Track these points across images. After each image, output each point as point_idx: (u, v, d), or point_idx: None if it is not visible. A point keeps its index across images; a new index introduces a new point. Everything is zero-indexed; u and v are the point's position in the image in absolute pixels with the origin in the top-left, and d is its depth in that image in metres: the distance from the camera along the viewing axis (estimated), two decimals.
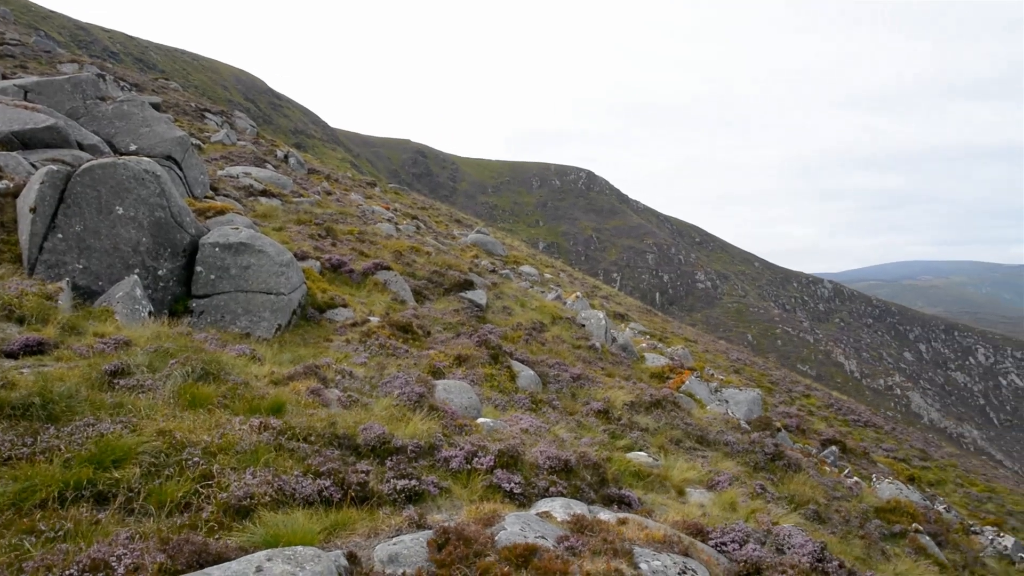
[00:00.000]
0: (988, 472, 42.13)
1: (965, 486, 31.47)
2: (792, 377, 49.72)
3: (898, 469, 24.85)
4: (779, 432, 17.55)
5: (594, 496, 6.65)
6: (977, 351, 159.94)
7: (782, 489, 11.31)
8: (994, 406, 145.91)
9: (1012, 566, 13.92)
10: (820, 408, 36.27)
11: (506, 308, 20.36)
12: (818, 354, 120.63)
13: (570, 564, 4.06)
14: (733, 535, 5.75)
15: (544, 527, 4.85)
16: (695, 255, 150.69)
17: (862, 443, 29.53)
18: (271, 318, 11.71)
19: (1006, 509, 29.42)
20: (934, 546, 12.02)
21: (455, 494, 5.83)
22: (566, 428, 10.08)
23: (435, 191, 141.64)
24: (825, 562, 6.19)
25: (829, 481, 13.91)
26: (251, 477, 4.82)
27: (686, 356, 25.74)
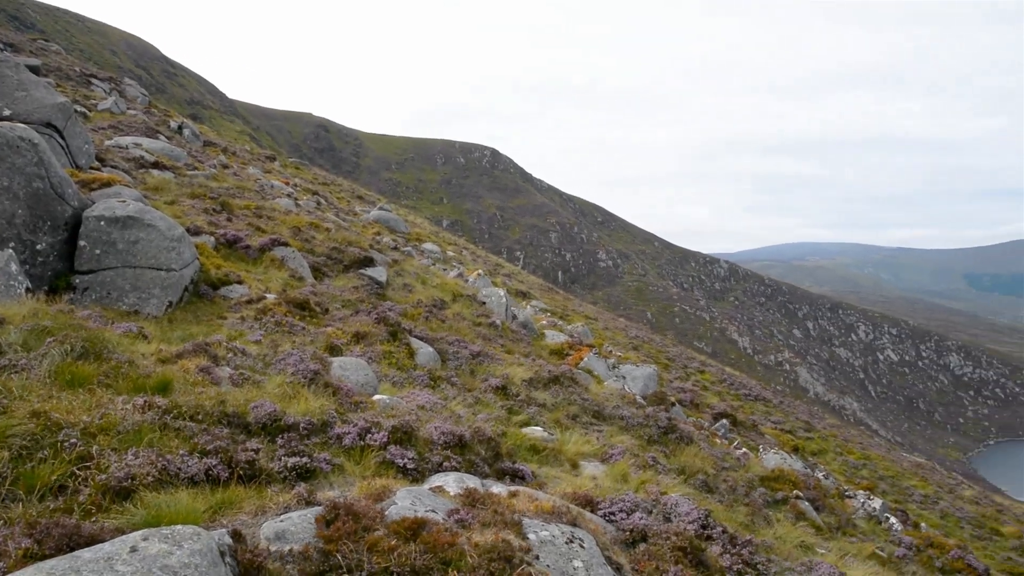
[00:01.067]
0: (864, 441, 44.71)
1: (844, 454, 33.32)
2: (688, 354, 51.35)
3: (784, 440, 26.04)
4: (673, 406, 18.13)
5: (488, 470, 6.74)
6: (858, 328, 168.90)
7: (674, 461, 11.70)
8: (872, 379, 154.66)
9: (878, 525, 14.92)
10: (714, 383, 37.62)
11: (407, 285, 20.26)
12: (714, 331, 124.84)
13: (458, 536, 4.12)
14: (621, 505, 5.94)
15: (436, 501, 4.90)
16: (597, 234, 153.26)
17: (752, 416, 30.83)
18: (161, 295, 11.31)
19: (878, 474, 31.36)
20: (812, 510, 12.70)
21: (348, 471, 5.81)
22: (464, 404, 10.15)
23: (338, 167, 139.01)
24: (709, 528, 6.48)
25: (719, 452, 14.48)
26: (133, 458, 4.68)
27: (586, 333, 26.22)
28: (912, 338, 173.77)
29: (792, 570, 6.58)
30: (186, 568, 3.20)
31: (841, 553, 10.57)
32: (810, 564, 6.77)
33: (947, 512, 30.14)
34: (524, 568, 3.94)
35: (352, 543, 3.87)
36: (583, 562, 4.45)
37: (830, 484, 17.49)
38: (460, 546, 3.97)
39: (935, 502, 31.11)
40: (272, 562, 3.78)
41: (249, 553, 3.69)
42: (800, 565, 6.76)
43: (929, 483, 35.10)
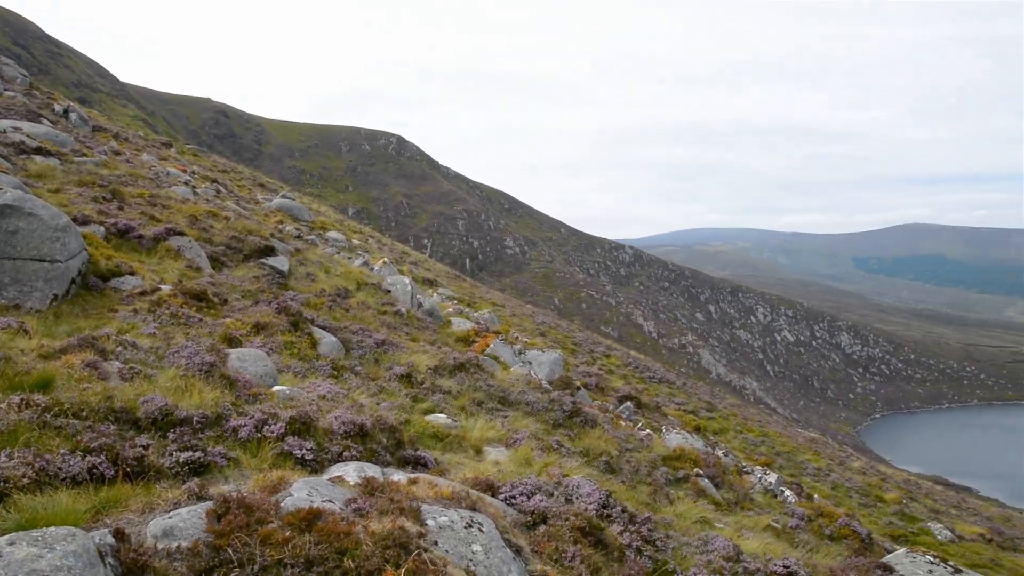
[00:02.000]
0: (763, 419, 46.49)
1: (743, 432, 34.57)
2: (594, 338, 52.20)
3: (686, 420, 26.82)
4: (579, 390, 18.40)
5: (390, 459, 6.69)
6: (757, 311, 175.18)
7: (578, 444, 11.88)
8: (770, 360, 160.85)
9: (774, 498, 15.58)
10: (619, 367, 38.38)
11: (310, 274, 19.88)
12: (620, 316, 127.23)
13: (355, 525, 4.08)
14: (522, 488, 6.00)
15: (334, 491, 4.83)
16: (505, 222, 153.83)
17: (656, 398, 31.63)
18: (45, 288, 10.76)
19: (775, 450, 32.69)
20: (712, 487, 13.12)
21: (244, 464, 5.67)
22: (367, 393, 10.04)
23: (238, 154, 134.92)
24: (609, 508, 6.61)
25: (623, 434, 14.77)
26: (7, 459, 4.43)
27: (492, 320, 26.31)
28: (807, 319, 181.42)
29: (689, 545, 6.79)
30: (58, 571, 3.05)
31: (738, 527, 10.95)
32: (707, 538, 6.99)
33: (838, 483, 31.66)
34: (419, 554, 3.93)
35: (244, 536, 3.78)
36: (482, 546, 4.48)
37: (729, 461, 18.10)
38: (356, 535, 3.93)
39: (827, 474, 32.64)
40: (159, 560, 3.66)
41: (133, 552, 3.56)
42: (697, 539, 6.97)
43: (822, 456, 36.80)
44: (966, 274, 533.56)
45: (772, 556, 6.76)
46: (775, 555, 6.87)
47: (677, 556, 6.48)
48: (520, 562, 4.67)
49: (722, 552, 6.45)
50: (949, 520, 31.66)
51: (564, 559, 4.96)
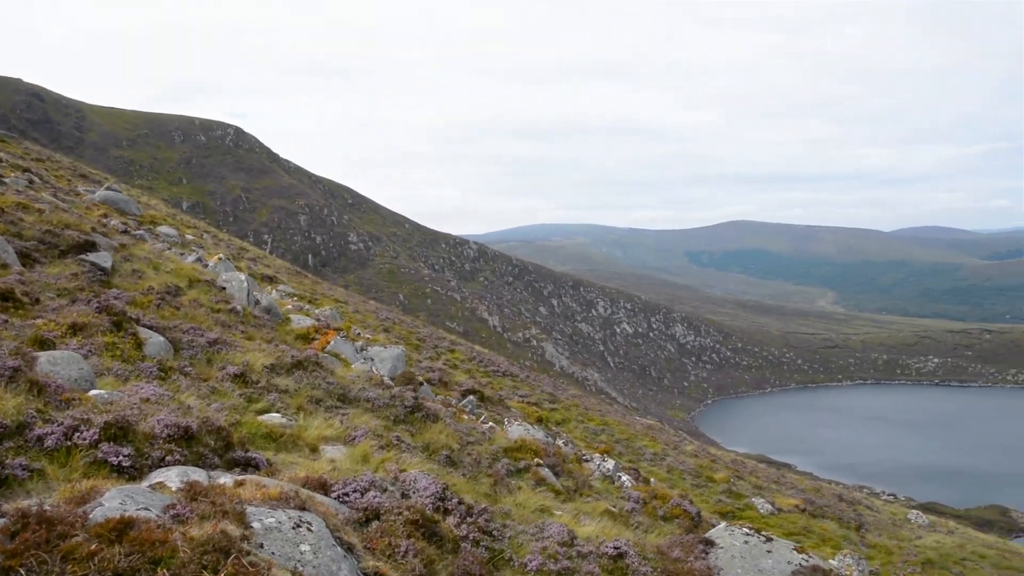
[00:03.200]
0: (603, 408, 48.15)
1: (585, 422, 35.66)
2: (439, 334, 52.24)
3: (529, 412, 27.33)
4: (422, 386, 18.34)
5: (218, 461, 6.40)
6: (598, 304, 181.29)
7: (419, 439, 11.84)
8: (610, 351, 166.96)
9: (612, 484, 16.19)
10: (464, 361, 38.60)
11: (136, 271, 18.69)
12: (465, 311, 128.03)
13: (172, 532, 3.85)
14: (356, 485, 5.90)
15: (152, 498, 4.56)
16: (348, 217, 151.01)
17: (500, 391, 32.05)
18: None
19: (615, 438, 33.95)
20: (552, 476, 13.43)
21: (51, 475, 5.24)
22: (197, 395, 9.56)
23: (56, 141, 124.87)
24: (446, 501, 6.62)
25: (465, 428, 14.86)
26: None
27: (334, 317, 25.78)
28: (644, 312, 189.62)
29: (526, 533, 6.91)
30: None
31: (577, 513, 11.26)
32: (543, 525, 7.14)
33: (672, 466, 33.29)
34: (239, 558, 3.77)
35: (42, 554, 3.47)
36: (311, 545, 4.36)
37: (570, 450, 18.60)
38: (173, 542, 3.71)
39: (663, 458, 34.25)
40: None
41: None
42: (534, 527, 7.11)
43: (658, 442, 38.56)
44: (785, 267, 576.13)
45: (605, 539, 6.99)
46: (609, 538, 7.12)
47: (514, 544, 6.58)
48: (352, 560, 4.58)
49: (557, 538, 6.61)
50: (770, 494, 34.03)
51: (397, 554, 4.91)
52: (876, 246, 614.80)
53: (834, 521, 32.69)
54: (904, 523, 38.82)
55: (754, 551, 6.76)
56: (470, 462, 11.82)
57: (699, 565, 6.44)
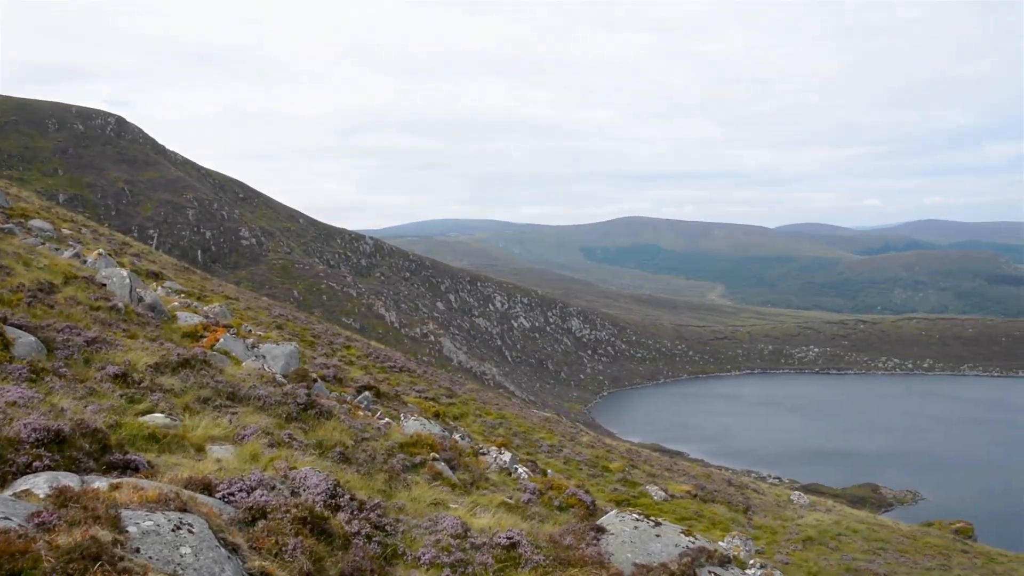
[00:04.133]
0: (501, 402, 48.45)
1: (483, 416, 35.80)
2: (335, 330, 51.40)
3: (426, 407, 27.23)
4: (316, 383, 17.97)
5: (94, 465, 6.08)
6: (495, 299, 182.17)
7: (312, 436, 11.62)
8: (508, 345, 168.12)
9: (509, 476, 16.31)
10: (360, 357, 38.12)
11: (5, 267, 17.58)
12: (361, 307, 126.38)
13: (35, 541, 3.63)
14: (242, 484, 5.72)
15: (15, 507, 4.28)
16: (239, 211, 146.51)
17: (397, 387, 31.79)
18: None
19: (513, 431, 34.22)
20: (448, 470, 13.41)
21: None
22: (72, 397, 9.07)
23: None
24: (337, 497, 6.50)
25: (360, 424, 14.65)
26: None
27: (224, 314, 24.97)
28: (541, 306, 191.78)
29: (419, 527, 6.87)
30: None
31: (473, 506, 11.28)
32: (437, 519, 7.11)
33: (569, 457, 33.82)
34: (106, 565, 3.58)
35: None
36: (192, 548, 4.19)
37: (467, 444, 18.62)
38: (36, 552, 3.49)
39: (560, 450, 34.74)
40: None
41: None
42: (428, 520, 7.07)
43: (555, 434, 39.11)
44: (677, 262, 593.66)
45: (499, 530, 7.03)
46: (503, 528, 7.15)
47: (407, 539, 6.53)
48: (236, 560, 4.43)
49: (450, 530, 6.60)
50: (664, 482, 35.04)
51: (285, 552, 4.78)
52: (762, 242, 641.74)
53: (724, 505, 33.95)
54: (788, 504, 40.67)
55: (643, 536, 6.94)
56: (365, 458, 11.66)
57: (590, 551, 6.55)
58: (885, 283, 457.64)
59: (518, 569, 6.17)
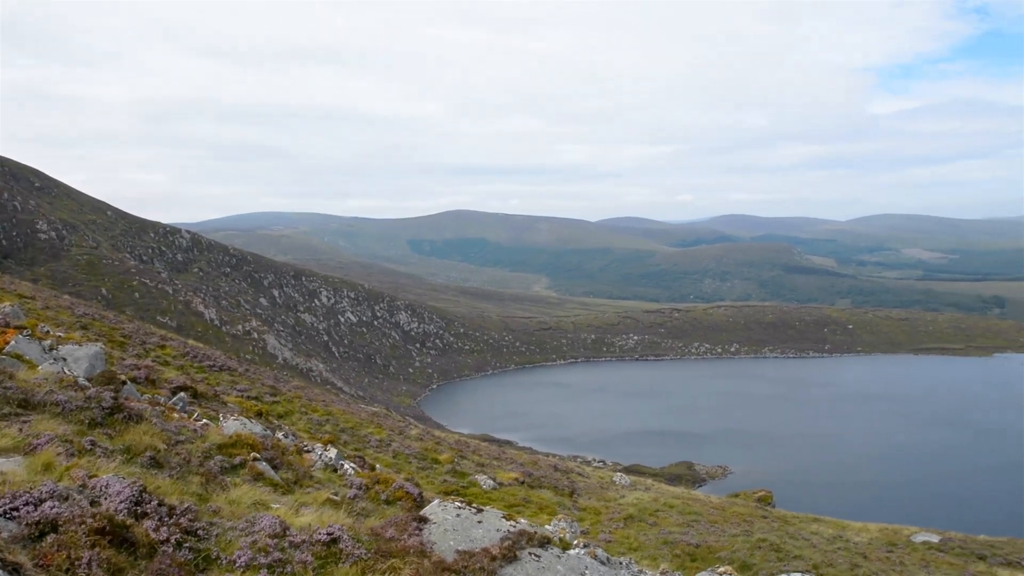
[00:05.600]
0: (328, 399, 47.44)
1: (309, 413, 34.91)
2: (148, 329, 48.39)
3: (248, 406, 26.18)
4: (125, 385, 16.83)
5: None
6: (321, 294, 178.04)
7: (118, 441, 10.89)
8: (335, 341, 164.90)
9: (335, 473, 16.01)
10: (176, 357, 36.11)
11: None
12: (178, 305, 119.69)
13: None
14: (28, 497, 5.23)
15: None
16: (36, 202, 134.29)
17: (216, 387, 30.40)
18: None
19: (340, 427, 33.63)
20: (270, 470, 12.99)
21: None
22: None
23: None
24: (144, 504, 6.11)
25: (174, 427, 13.88)
26: None
27: (16, 314, 22.85)
28: (368, 300, 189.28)
29: (235, 529, 6.58)
30: None
31: (297, 504, 10.99)
32: (254, 519, 6.85)
33: (399, 451, 33.66)
34: None
35: None
36: None
37: (290, 442, 18.09)
38: None
39: (388, 444, 34.50)
40: None
41: None
42: (244, 522, 6.79)
43: (384, 429, 38.78)
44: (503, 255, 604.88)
45: (320, 526, 6.87)
46: (324, 525, 7.00)
47: (221, 542, 6.23)
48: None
49: (269, 530, 6.37)
50: (492, 470, 35.62)
51: (78, 567, 4.42)
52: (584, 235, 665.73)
53: (550, 490, 34.97)
54: (610, 485, 42.50)
55: (465, 523, 7.01)
56: (179, 462, 11.05)
57: (413, 541, 6.54)
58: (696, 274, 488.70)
59: (339, 565, 6.06)
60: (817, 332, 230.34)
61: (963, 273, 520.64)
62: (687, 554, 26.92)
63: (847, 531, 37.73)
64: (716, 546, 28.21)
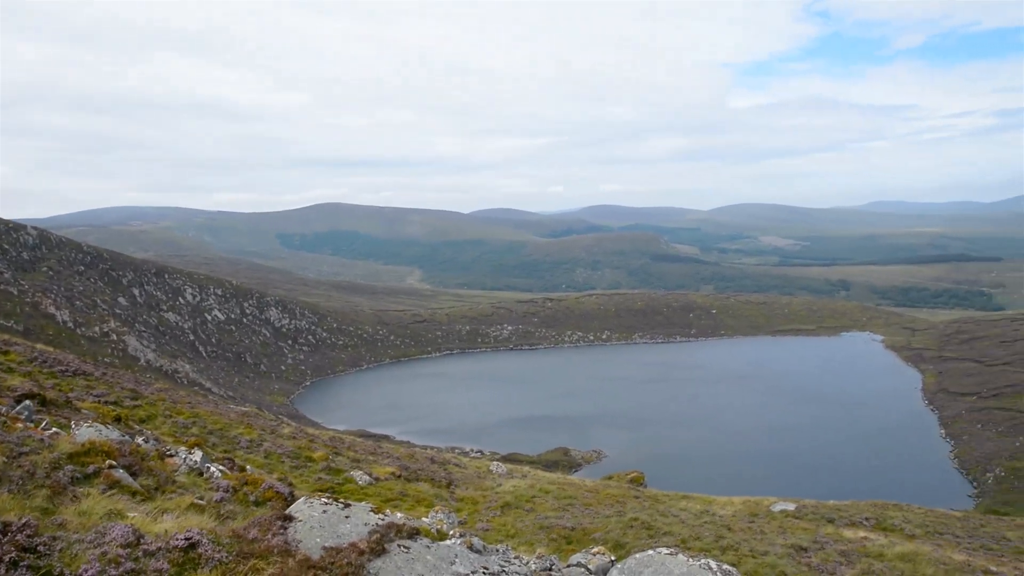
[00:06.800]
0: (195, 400, 45.52)
1: (174, 416, 33.41)
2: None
3: (105, 412, 24.77)
4: None
5: None
6: (186, 291, 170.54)
7: None
8: (202, 340, 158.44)
9: (200, 476, 15.36)
10: (22, 363, 33.78)
11: None
12: (24, 307, 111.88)
13: None
14: None
15: None
16: None
17: (70, 393, 28.67)
18: None
19: (208, 429, 32.36)
20: (128, 477, 12.34)
21: None
22: None
23: None
24: None
25: (17, 437, 12.96)
26: None
27: None
28: (236, 297, 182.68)
29: (83, 541, 6.19)
30: None
31: (158, 511, 10.48)
32: (104, 530, 6.46)
33: (270, 451, 32.73)
34: None
35: None
36: None
37: (151, 447, 17.24)
38: None
39: (260, 444, 33.49)
40: None
41: None
42: (94, 533, 6.39)
43: (255, 428, 37.59)
44: (376, 248, 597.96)
45: (178, 532, 6.55)
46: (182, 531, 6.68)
47: (66, 557, 5.84)
48: None
49: (120, 540, 6.02)
50: (368, 466, 35.19)
51: None
52: (457, 227, 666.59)
53: (428, 482, 34.89)
54: (488, 475, 42.82)
55: (333, 519, 6.86)
56: (21, 475, 10.30)
57: (277, 541, 6.34)
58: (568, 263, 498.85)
59: (198, 570, 5.79)
60: (684, 317, 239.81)
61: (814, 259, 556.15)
62: (563, 537, 27.47)
63: (713, 506, 39.51)
64: (591, 528, 28.93)
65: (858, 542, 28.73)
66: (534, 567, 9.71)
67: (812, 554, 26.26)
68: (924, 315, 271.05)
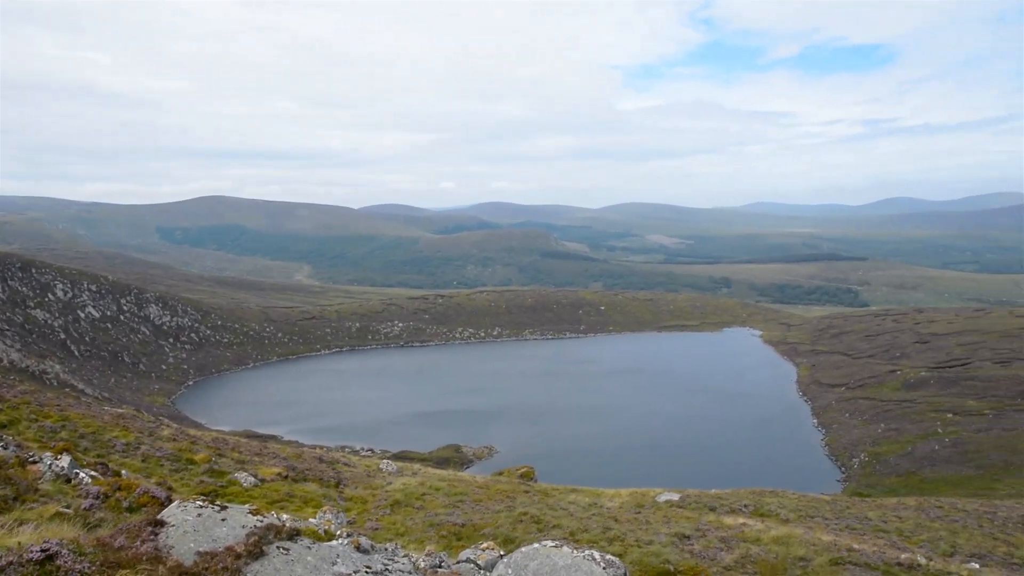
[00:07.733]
0: (64, 402, 43.06)
1: (40, 420, 31.46)
2: None
3: None
4: None
5: None
6: (56, 287, 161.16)
7: None
8: (74, 339, 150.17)
9: (68, 483, 14.48)
10: None
11: None
12: None
13: None
14: None
15: None
16: None
17: None
18: None
19: (79, 433, 30.65)
20: None
21: None
22: None
23: None
24: None
25: None
26: None
27: None
28: (112, 293, 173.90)
29: None
30: None
31: (16, 522, 9.80)
32: None
33: (148, 455, 31.26)
34: None
35: None
36: None
37: (10, 454, 16.15)
38: None
39: (137, 448, 31.96)
40: None
41: None
42: None
43: (131, 431, 35.85)
44: (263, 243, 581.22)
45: (34, 544, 6.10)
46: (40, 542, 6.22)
47: None
48: None
49: None
50: (254, 467, 34.13)
51: None
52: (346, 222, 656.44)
53: (315, 483, 34.13)
54: (377, 473, 42.27)
55: (208, 522, 6.55)
56: None
57: (146, 548, 5.99)
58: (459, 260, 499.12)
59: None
60: (573, 314, 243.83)
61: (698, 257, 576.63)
62: (453, 534, 27.41)
63: (602, 498, 40.30)
64: (481, 523, 28.97)
65: (737, 528, 29.91)
66: (423, 564, 9.59)
67: (694, 541, 27.15)
68: (799, 311, 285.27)
